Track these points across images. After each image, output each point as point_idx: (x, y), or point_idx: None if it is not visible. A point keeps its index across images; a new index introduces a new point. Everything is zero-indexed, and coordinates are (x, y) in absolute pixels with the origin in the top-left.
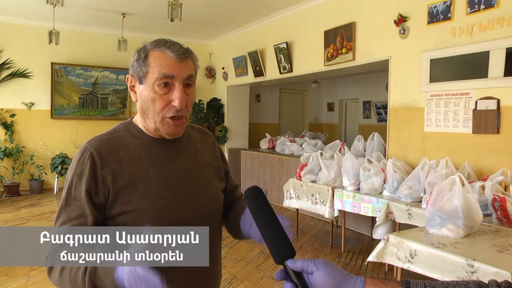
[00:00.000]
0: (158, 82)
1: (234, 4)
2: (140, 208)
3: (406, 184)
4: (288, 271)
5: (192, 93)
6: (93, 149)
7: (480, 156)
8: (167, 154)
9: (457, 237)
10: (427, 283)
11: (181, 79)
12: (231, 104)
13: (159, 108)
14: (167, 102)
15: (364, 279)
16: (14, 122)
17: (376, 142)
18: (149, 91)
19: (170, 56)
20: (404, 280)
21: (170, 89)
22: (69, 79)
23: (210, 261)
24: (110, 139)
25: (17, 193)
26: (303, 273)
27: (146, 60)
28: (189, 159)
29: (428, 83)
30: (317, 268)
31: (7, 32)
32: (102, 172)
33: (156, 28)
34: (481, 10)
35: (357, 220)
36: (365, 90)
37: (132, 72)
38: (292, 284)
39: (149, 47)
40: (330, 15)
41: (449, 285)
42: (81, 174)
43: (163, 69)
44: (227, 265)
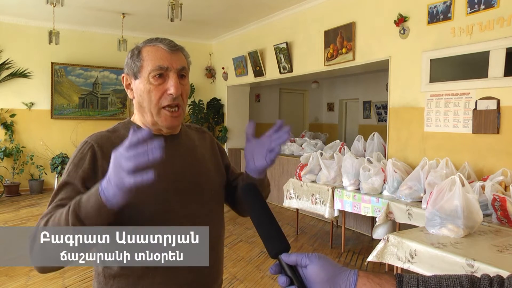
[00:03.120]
0: (153, 74)
1: (234, 4)
2: (139, 202)
3: (406, 184)
4: (282, 265)
5: (186, 84)
6: (94, 141)
7: (480, 156)
8: (167, 150)
9: (457, 237)
10: (420, 277)
11: (175, 69)
12: (231, 104)
13: (155, 98)
14: (163, 91)
15: (357, 272)
16: (14, 122)
17: (376, 142)
18: (145, 83)
19: (162, 49)
20: (398, 274)
21: (165, 80)
22: (69, 79)
23: (211, 257)
24: (110, 136)
25: (17, 193)
26: (297, 266)
27: (140, 55)
28: (188, 155)
29: (428, 83)
30: (311, 261)
31: (7, 32)
32: (102, 163)
33: (156, 28)
34: (481, 10)
35: (357, 220)
36: (365, 90)
37: (127, 70)
38: (286, 277)
39: (141, 45)
40: (330, 15)
41: (442, 279)
42: (79, 163)
43: (157, 61)
44: (227, 265)
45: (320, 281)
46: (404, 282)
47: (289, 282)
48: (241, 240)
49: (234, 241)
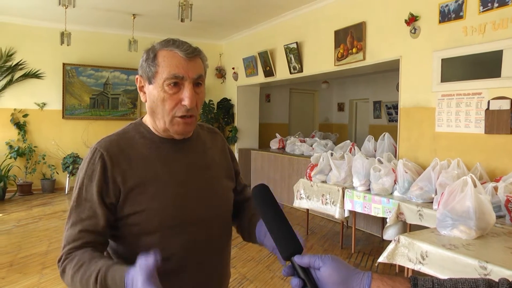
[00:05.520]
0: (168, 82)
1: (244, 4)
2: (151, 208)
3: (417, 185)
4: (295, 266)
5: (201, 92)
6: (103, 149)
7: (492, 156)
8: (177, 154)
9: (469, 239)
10: (435, 280)
11: (190, 79)
12: (241, 104)
13: (169, 108)
14: (177, 101)
15: (371, 274)
16: (27, 122)
17: (387, 142)
18: (159, 91)
19: (179, 56)
20: (412, 276)
21: (180, 89)
22: (80, 80)
23: (219, 261)
24: (120, 140)
25: (30, 192)
26: (310, 268)
27: (155, 60)
28: (198, 158)
29: (439, 83)
30: (324, 263)
31: (20, 34)
32: (113, 172)
33: (166, 28)
34: (495, 8)
35: (367, 220)
36: (376, 90)
37: (141, 72)
38: (299, 279)
39: (157, 47)
40: (340, 15)
41: (458, 283)
42: (92, 175)
43: (172, 69)
44: (237, 265)
45: (333, 283)
46: (419, 285)
47: (302, 284)
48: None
49: (244, 241)
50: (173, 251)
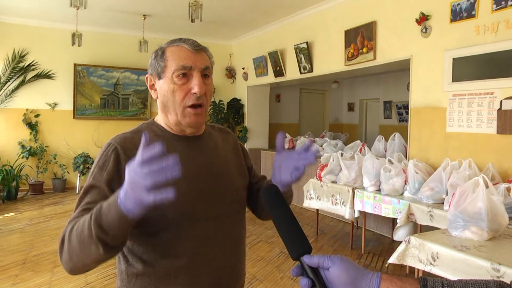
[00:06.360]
0: (177, 73)
1: (254, 4)
2: (164, 205)
3: (427, 185)
4: (304, 267)
5: (210, 83)
6: (118, 143)
7: (505, 157)
8: (190, 152)
9: (481, 240)
10: (444, 281)
11: (198, 69)
12: (251, 104)
13: (179, 98)
14: (187, 91)
15: (380, 275)
16: (39, 122)
17: (397, 142)
18: (169, 83)
19: (186, 49)
20: (422, 277)
21: (189, 79)
22: (91, 80)
23: (234, 258)
24: (134, 137)
25: (41, 191)
26: (319, 268)
27: (164, 55)
28: (211, 156)
29: (451, 83)
30: (333, 263)
31: (32, 35)
32: (125, 165)
33: (177, 29)
34: (508, 7)
35: (377, 221)
36: (386, 90)
37: (151, 70)
38: (308, 279)
39: (165, 45)
40: (350, 15)
41: (468, 284)
42: (104, 166)
43: (180, 61)
44: (247, 265)
45: (342, 284)
46: (429, 286)
47: (311, 284)
48: (261, 240)
49: (254, 241)
50: (185, 247)
